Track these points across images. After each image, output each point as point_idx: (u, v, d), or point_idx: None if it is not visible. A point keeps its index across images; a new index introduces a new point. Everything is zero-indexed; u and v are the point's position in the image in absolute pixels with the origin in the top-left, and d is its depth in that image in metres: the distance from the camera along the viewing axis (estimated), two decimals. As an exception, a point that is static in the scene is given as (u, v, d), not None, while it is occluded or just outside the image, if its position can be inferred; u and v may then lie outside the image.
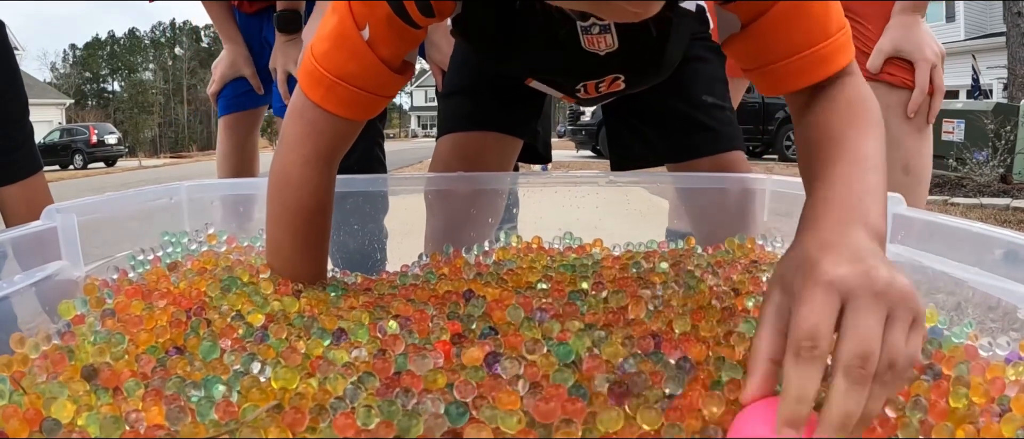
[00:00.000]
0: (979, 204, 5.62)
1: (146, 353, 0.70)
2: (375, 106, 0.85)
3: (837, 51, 0.75)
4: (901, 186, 1.37)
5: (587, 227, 1.21)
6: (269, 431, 0.53)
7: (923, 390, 0.62)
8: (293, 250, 0.90)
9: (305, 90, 0.83)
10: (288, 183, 0.88)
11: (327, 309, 0.81)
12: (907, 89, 1.38)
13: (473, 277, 0.94)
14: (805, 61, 0.75)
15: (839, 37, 0.75)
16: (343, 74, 0.81)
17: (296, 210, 0.88)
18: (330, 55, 0.81)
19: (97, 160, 22.76)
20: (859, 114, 0.73)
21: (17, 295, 0.84)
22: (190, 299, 0.84)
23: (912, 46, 1.36)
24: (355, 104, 0.83)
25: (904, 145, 1.40)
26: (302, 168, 0.87)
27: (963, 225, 0.88)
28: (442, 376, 0.61)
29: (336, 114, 0.83)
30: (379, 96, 0.84)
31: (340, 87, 0.81)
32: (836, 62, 0.75)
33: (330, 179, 0.90)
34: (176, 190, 1.19)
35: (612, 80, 1.08)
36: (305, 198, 0.88)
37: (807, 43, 0.75)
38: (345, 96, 0.82)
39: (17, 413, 0.57)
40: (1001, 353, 0.73)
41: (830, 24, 0.75)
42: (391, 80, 0.83)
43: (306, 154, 0.86)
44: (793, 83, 0.78)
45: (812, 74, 0.76)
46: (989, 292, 0.81)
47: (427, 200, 1.29)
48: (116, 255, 1.05)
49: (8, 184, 1.45)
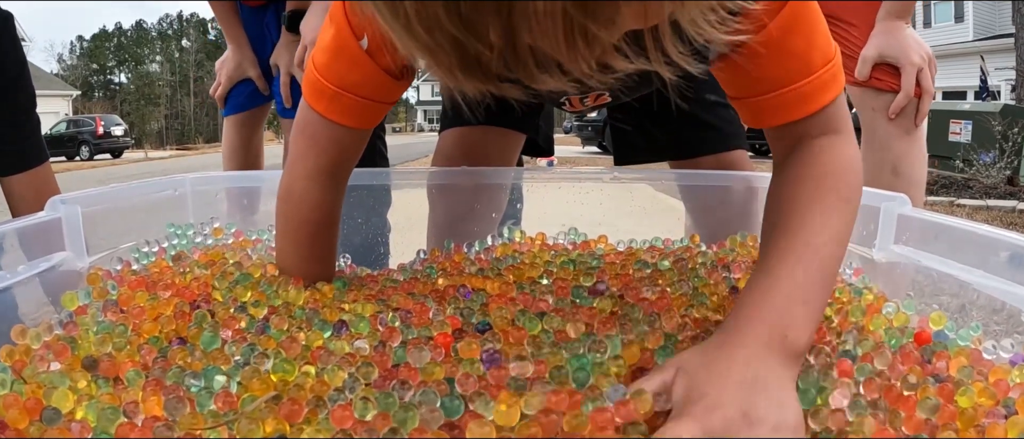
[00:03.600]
0: (985, 206, 5.60)
1: (148, 343, 0.70)
2: (378, 113, 0.85)
3: (819, 89, 0.71)
4: (891, 188, 1.38)
5: (592, 223, 1.21)
6: (267, 423, 0.53)
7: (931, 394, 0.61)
8: (299, 261, 0.90)
9: (310, 102, 0.84)
10: (291, 197, 0.88)
11: (330, 302, 0.81)
12: (894, 93, 1.40)
13: (474, 272, 0.94)
14: (782, 99, 0.72)
15: (823, 73, 0.71)
16: (346, 84, 0.81)
17: (299, 223, 0.89)
18: (331, 66, 0.81)
19: (103, 152, 22.82)
20: (830, 188, 0.69)
21: (21, 285, 0.84)
22: (194, 291, 0.84)
23: (897, 51, 1.39)
24: (359, 112, 0.83)
25: (892, 148, 1.43)
26: (305, 182, 0.87)
27: (969, 227, 0.87)
28: (440, 368, 0.61)
29: (341, 124, 0.83)
30: (382, 102, 0.84)
31: (344, 97, 0.81)
32: (816, 100, 0.72)
33: (335, 193, 0.90)
34: (180, 182, 1.19)
35: (597, 96, 1.08)
36: (307, 212, 0.88)
37: (785, 80, 0.71)
38: (349, 105, 0.82)
39: (17, 402, 0.57)
40: (1005, 355, 0.73)
41: (813, 58, 0.71)
42: (393, 86, 0.83)
43: (309, 168, 0.86)
44: (769, 119, 0.75)
45: (788, 112, 0.73)
46: (994, 295, 0.81)
47: (430, 194, 1.29)
48: (120, 246, 1.05)
49: (15, 173, 1.46)
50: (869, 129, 1.46)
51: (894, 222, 0.98)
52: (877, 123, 1.44)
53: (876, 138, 1.45)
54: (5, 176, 1.47)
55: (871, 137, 1.46)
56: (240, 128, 2.00)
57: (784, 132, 0.75)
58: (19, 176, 1.47)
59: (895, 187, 1.39)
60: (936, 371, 0.68)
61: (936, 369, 0.68)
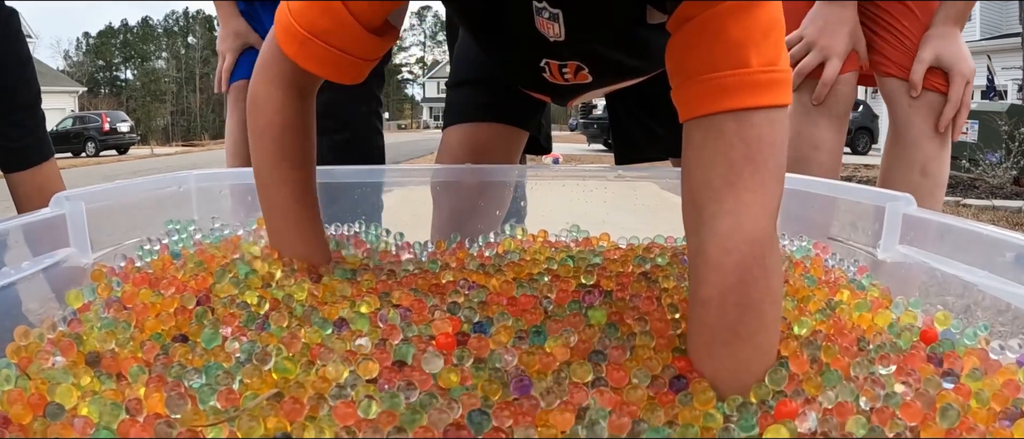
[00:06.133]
0: (991, 206, 5.58)
1: (151, 340, 0.70)
2: (353, 69, 0.82)
3: (749, 86, 0.63)
4: (918, 188, 1.38)
5: (595, 221, 1.21)
6: (268, 420, 0.53)
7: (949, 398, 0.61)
8: (271, 167, 0.87)
9: (281, 45, 0.81)
10: (255, 104, 0.86)
11: (331, 297, 0.80)
12: (937, 93, 1.40)
13: (476, 268, 0.93)
14: (702, 86, 0.64)
15: (759, 74, 0.63)
16: (316, 30, 0.78)
17: (264, 127, 0.86)
18: (304, 11, 0.78)
19: (109, 148, 22.89)
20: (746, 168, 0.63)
21: (25, 281, 0.84)
22: (196, 287, 0.84)
23: (952, 59, 1.39)
24: (329, 63, 0.80)
25: (923, 148, 1.42)
26: (266, 86, 0.84)
27: (974, 227, 0.87)
28: (455, 374, 0.61)
29: (312, 73, 0.81)
30: (357, 58, 0.81)
31: (313, 43, 0.78)
32: (739, 98, 0.63)
33: (301, 103, 0.86)
34: (185, 179, 1.19)
35: (576, 69, 1.05)
36: (272, 114, 0.84)
37: (709, 67, 0.63)
38: (319, 53, 0.79)
39: (22, 397, 0.57)
40: (1012, 356, 0.73)
41: (748, 55, 0.63)
42: (369, 41, 0.80)
43: (271, 74, 0.84)
44: (685, 110, 0.67)
45: (704, 103, 0.64)
46: (999, 296, 0.80)
47: (434, 191, 1.29)
48: (124, 243, 1.06)
49: (21, 170, 1.47)
50: (901, 125, 1.46)
51: (899, 222, 0.98)
52: (912, 120, 1.44)
53: (908, 136, 1.44)
54: (10, 173, 1.48)
55: (902, 134, 1.46)
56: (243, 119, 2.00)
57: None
58: (24, 173, 1.48)
59: (923, 187, 1.40)
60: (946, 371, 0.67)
61: (946, 369, 0.68)
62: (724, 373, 0.62)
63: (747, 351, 0.63)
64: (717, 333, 0.64)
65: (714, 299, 0.63)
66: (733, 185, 0.63)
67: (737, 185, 0.63)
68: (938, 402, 0.60)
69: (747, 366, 0.63)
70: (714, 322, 0.64)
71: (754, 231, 0.62)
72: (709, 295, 0.64)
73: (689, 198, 0.67)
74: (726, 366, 0.63)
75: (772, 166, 0.63)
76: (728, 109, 0.63)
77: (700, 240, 0.65)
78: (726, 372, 0.62)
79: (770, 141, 0.63)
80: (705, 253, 0.64)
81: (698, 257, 0.65)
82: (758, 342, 0.63)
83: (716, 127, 0.64)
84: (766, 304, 0.63)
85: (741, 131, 0.63)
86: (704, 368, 0.64)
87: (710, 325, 0.64)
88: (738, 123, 0.63)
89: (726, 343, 0.63)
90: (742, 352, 0.63)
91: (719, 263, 0.63)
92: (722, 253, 0.63)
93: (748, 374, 0.62)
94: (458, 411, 0.55)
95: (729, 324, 0.63)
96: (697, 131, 0.66)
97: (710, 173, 0.64)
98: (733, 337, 0.63)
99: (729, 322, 0.63)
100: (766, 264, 0.63)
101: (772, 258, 0.64)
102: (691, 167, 0.66)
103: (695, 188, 0.65)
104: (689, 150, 0.67)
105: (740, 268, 0.62)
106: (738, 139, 0.63)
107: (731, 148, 0.63)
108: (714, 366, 0.63)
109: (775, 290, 0.64)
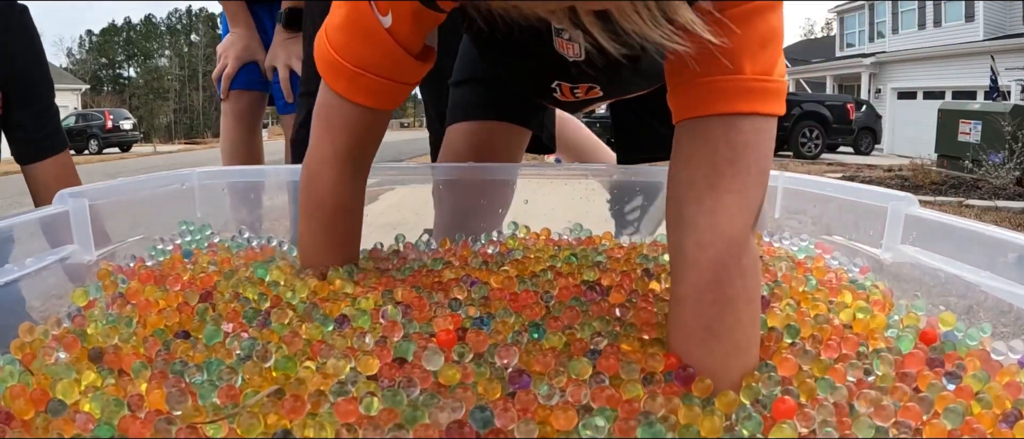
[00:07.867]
0: (994, 206, 5.57)
1: (153, 335, 0.70)
2: (399, 94, 0.84)
3: (740, 92, 0.64)
4: None
5: (598, 220, 1.21)
6: (269, 417, 0.54)
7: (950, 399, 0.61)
8: (316, 247, 0.89)
9: (328, 81, 0.82)
10: (309, 182, 0.87)
11: (332, 294, 0.81)
12: None
13: (479, 266, 0.94)
14: (695, 90, 0.65)
15: (752, 82, 0.64)
16: (366, 64, 0.79)
17: (316, 206, 0.87)
18: (349, 46, 0.79)
19: (112, 145, 22.89)
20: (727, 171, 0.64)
21: (28, 278, 0.84)
22: (202, 285, 0.84)
23: None
24: (379, 93, 0.82)
25: None
26: (321, 165, 0.86)
27: (977, 228, 0.87)
28: (456, 371, 0.61)
29: (362, 105, 0.82)
30: (403, 83, 0.83)
31: (364, 77, 0.80)
32: (729, 102, 0.64)
33: (354, 177, 0.88)
34: (187, 176, 1.19)
35: (588, 88, 1.07)
36: (324, 194, 0.86)
37: (704, 71, 0.64)
38: (369, 86, 0.80)
39: (24, 393, 0.57)
40: (1014, 357, 0.73)
41: (743, 62, 0.64)
42: (414, 67, 0.81)
43: (326, 153, 0.85)
44: (677, 112, 0.68)
45: (695, 106, 0.66)
46: (1002, 297, 0.80)
47: (436, 189, 1.29)
48: (127, 240, 1.06)
49: (37, 161, 1.49)
50: None
51: (901, 222, 0.98)
52: None
53: None
54: (27, 164, 1.49)
55: None
56: (243, 117, 2.00)
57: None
58: (41, 164, 1.50)
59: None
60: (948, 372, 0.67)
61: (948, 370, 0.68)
62: (702, 371, 0.63)
63: (724, 348, 0.64)
64: (693, 331, 0.64)
65: (690, 296, 0.64)
66: (714, 186, 0.64)
67: (718, 186, 0.64)
68: (939, 404, 0.60)
69: (724, 363, 0.64)
70: (690, 320, 0.65)
71: (730, 230, 0.63)
72: (685, 293, 0.65)
73: (672, 197, 0.68)
74: (704, 364, 0.63)
75: (755, 171, 0.65)
76: (717, 113, 0.64)
77: (679, 237, 0.66)
78: (704, 370, 0.63)
79: (755, 146, 0.65)
80: (683, 250, 0.65)
81: (677, 254, 0.66)
82: (734, 339, 0.64)
83: (704, 129, 0.65)
84: (741, 302, 0.64)
85: (727, 135, 0.64)
86: None
87: (686, 323, 0.65)
88: (726, 127, 0.64)
89: (703, 341, 0.64)
90: (718, 349, 0.64)
91: (695, 260, 0.64)
92: (698, 250, 0.64)
93: (726, 371, 0.63)
94: (461, 411, 0.55)
95: (705, 322, 0.64)
96: (686, 132, 0.67)
97: (694, 173, 0.65)
98: (709, 335, 0.64)
99: (705, 320, 0.64)
100: (742, 263, 0.64)
101: (748, 258, 0.65)
102: (678, 167, 0.68)
103: (679, 187, 0.67)
104: (677, 150, 0.68)
105: (715, 265, 0.63)
106: (724, 142, 0.64)
107: (716, 151, 0.64)
108: (692, 363, 0.64)
109: (751, 289, 0.65)
